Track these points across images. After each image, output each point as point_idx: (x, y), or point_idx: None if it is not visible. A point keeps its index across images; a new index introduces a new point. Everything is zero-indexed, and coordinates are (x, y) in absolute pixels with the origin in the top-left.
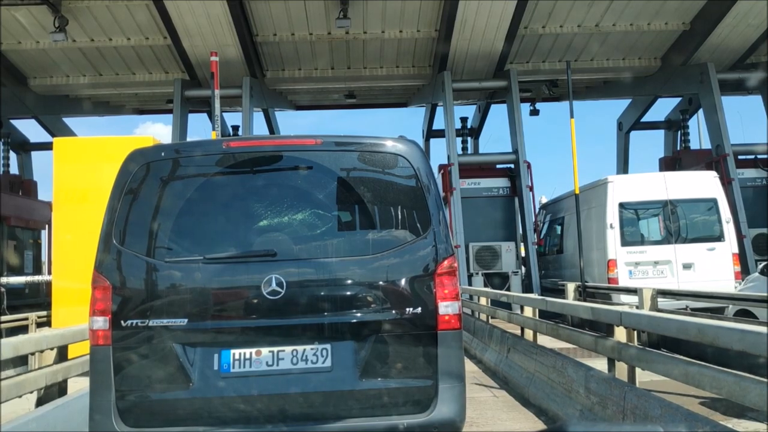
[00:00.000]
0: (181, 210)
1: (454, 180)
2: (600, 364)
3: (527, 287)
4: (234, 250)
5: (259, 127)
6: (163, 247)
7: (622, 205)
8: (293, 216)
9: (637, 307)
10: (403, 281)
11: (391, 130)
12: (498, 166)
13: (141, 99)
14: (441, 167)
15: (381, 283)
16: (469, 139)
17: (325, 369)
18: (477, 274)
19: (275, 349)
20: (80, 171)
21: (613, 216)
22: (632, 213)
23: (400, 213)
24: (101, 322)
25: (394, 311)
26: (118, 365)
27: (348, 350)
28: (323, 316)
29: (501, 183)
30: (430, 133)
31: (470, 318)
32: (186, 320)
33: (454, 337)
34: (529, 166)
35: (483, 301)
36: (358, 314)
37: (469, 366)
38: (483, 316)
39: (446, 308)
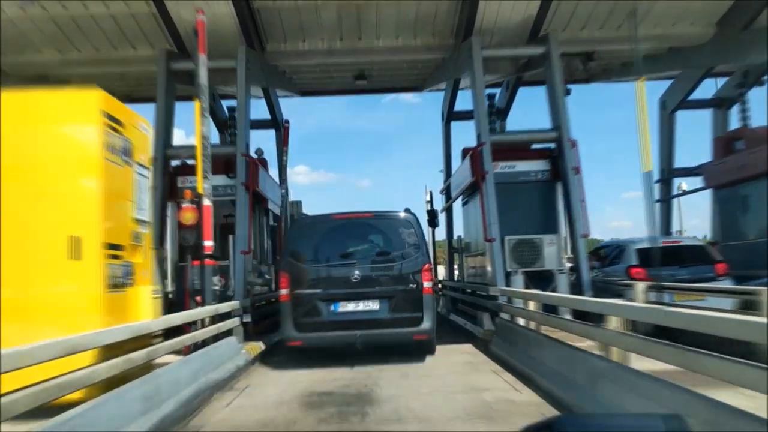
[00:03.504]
0: (315, 242)
1: (485, 163)
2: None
3: (576, 288)
4: (339, 259)
5: (260, 111)
6: (308, 258)
7: None
8: (361, 245)
9: None
10: (409, 273)
11: (402, 128)
12: (534, 146)
13: (129, 82)
14: (465, 151)
15: (400, 273)
16: (496, 120)
17: (376, 310)
18: (516, 272)
19: (356, 302)
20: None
21: None
22: None
23: (406, 243)
24: (285, 291)
25: (406, 285)
26: (293, 308)
27: (385, 303)
28: (375, 289)
29: (540, 166)
30: (451, 116)
31: (507, 323)
32: (320, 290)
33: (430, 296)
34: (574, 145)
35: (532, 306)
36: (390, 287)
37: (525, 396)
38: (532, 325)
39: (427, 284)
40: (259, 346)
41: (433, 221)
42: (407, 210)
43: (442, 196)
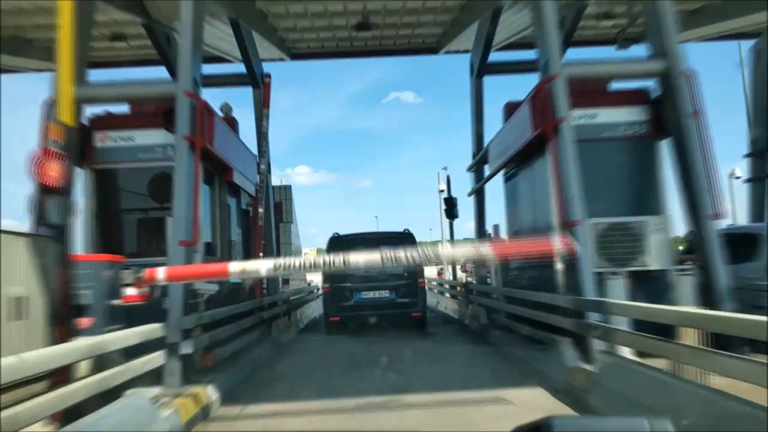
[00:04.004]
0: (346, 251)
1: (559, 105)
2: None
3: (707, 297)
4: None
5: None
6: None
7: None
8: None
9: None
10: (409, 273)
11: (403, 128)
12: (612, 87)
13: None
14: (510, 106)
15: (402, 273)
16: None
17: (388, 296)
18: (615, 274)
19: (374, 291)
20: None
21: None
22: None
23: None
24: (328, 285)
25: (407, 281)
26: (332, 296)
27: (394, 292)
28: (386, 283)
29: (632, 115)
30: (484, 68)
31: (630, 365)
32: (350, 284)
33: (423, 289)
34: (691, 78)
35: (691, 336)
36: (396, 282)
37: None
38: (690, 372)
39: (420, 280)
40: (202, 396)
41: (451, 211)
42: (406, 230)
43: (471, 174)
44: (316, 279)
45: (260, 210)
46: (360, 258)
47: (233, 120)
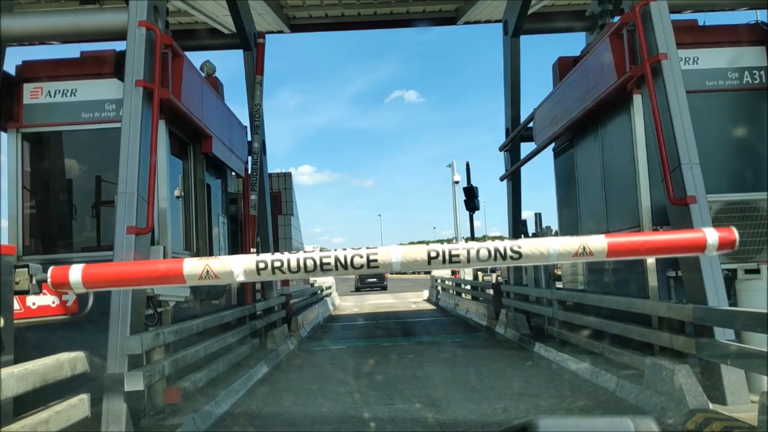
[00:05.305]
0: None
1: (659, 37)
2: None
3: None
4: None
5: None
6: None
7: None
8: None
9: None
10: None
11: (405, 128)
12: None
13: None
14: (563, 63)
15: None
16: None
17: (375, 279)
18: (753, 272)
19: (371, 278)
20: None
21: None
22: None
23: None
24: (357, 275)
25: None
26: (359, 279)
27: (378, 278)
28: (375, 274)
29: (746, 59)
30: (521, 25)
31: None
32: (364, 275)
33: (386, 277)
34: None
35: None
36: (378, 275)
37: None
38: None
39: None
40: None
41: (471, 202)
42: None
43: (505, 155)
44: (321, 279)
45: (252, 197)
46: (394, 254)
47: (217, 81)
